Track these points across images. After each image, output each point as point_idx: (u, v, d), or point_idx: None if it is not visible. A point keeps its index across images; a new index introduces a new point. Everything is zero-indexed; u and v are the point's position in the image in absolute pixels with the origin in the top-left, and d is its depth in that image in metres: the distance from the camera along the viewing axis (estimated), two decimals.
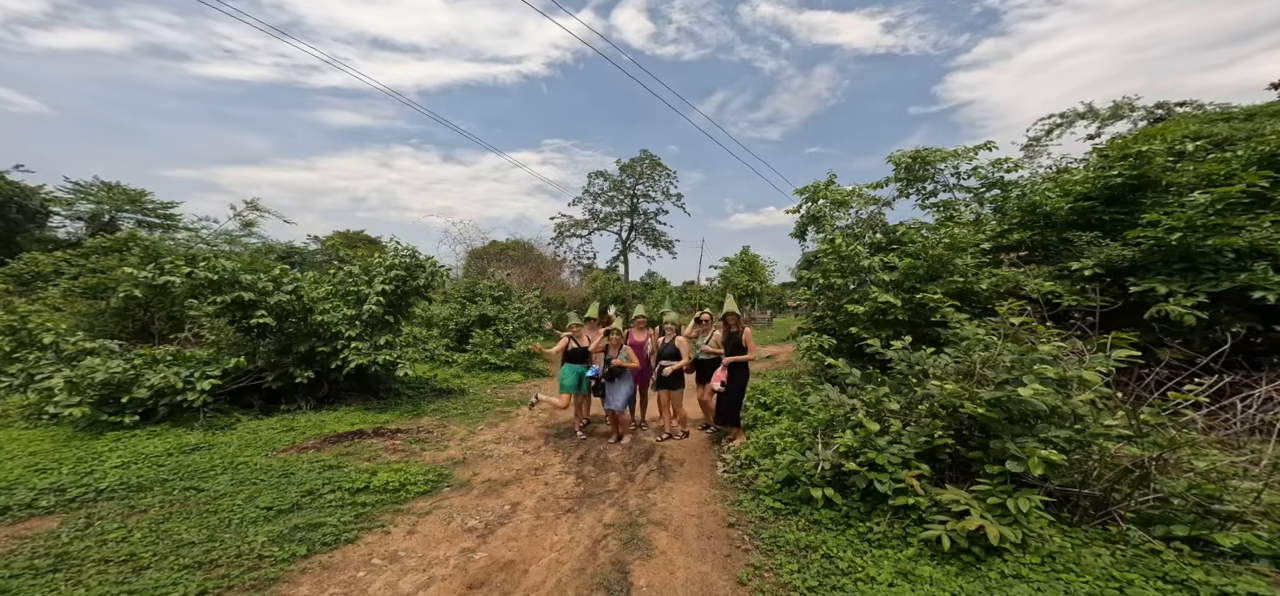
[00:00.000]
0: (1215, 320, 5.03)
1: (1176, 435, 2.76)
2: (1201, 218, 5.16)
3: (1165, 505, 2.81)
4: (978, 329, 3.94)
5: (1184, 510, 2.74)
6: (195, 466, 4.16)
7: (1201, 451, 2.83)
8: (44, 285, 11.94)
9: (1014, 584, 2.47)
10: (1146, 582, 2.41)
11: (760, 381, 8.05)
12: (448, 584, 2.81)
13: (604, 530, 3.44)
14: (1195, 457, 2.75)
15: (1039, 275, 6.24)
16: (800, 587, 2.63)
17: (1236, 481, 2.74)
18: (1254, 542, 2.58)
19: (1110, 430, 2.73)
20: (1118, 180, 6.13)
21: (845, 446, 3.39)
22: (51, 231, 21.95)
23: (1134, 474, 2.82)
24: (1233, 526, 2.58)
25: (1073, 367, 3.12)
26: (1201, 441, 3.04)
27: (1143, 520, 2.79)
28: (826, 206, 8.86)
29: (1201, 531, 2.61)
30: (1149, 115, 11.02)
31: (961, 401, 3.06)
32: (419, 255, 7.40)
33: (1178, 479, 2.83)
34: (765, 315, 28.42)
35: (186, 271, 5.50)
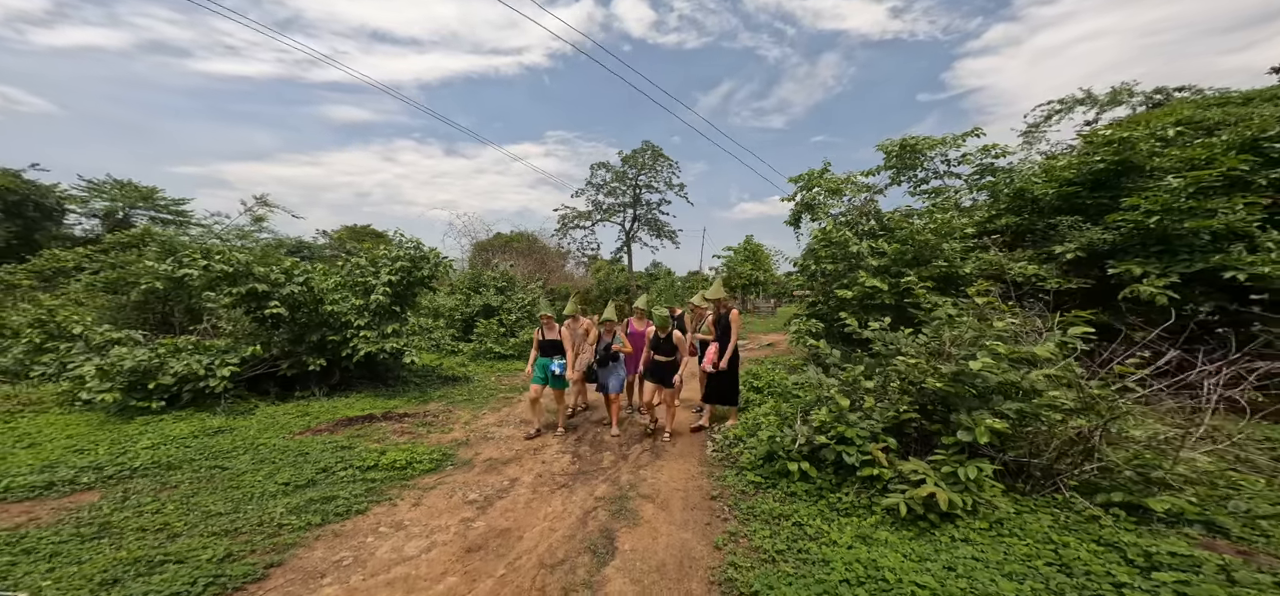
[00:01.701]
0: (1188, 300, 5.18)
1: (1115, 406, 2.97)
2: (1177, 201, 5.29)
3: (1108, 474, 3.03)
4: (950, 309, 4.13)
5: (1125, 478, 2.95)
6: (219, 447, 4.49)
7: (1141, 422, 3.04)
8: (65, 280, 12.39)
9: (961, 546, 2.71)
10: (1080, 544, 2.63)
11: (756, 366, 8.30)
12: (448, 548, 3.09)
13: (595, 502, 3.72)
14: (1134, 428, 2.96)
15: (1022, 259, 6.40)
16: (769, 550, 2.88)
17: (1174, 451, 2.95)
18: (1186, 508, 2.80)
19: (1056, 402, 2.94)
20: (1100, 166, 6.25)
21: (819, 422, 3.63)
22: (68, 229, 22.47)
23: (1079, 445, 3.03)
24: (1163, 493, 2.79)
25: (1030, 345, 3.33)
26: (1137, 412, 3.24)
27: (1086, 488, 3.01)
28: (821, 194, 9.00)
29: (1137, 498, 2.83)
30: (1147, 101, 10.97)
31: (924, 376, 3.28)
32: (423, 247, 7.68)
33: (1119, 449, 3.04)
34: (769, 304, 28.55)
35: (203, 264, 5.81)
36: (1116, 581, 2.31)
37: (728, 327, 5.29)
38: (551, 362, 5.27)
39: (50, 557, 2.62)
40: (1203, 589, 2.20)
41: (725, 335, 5.29)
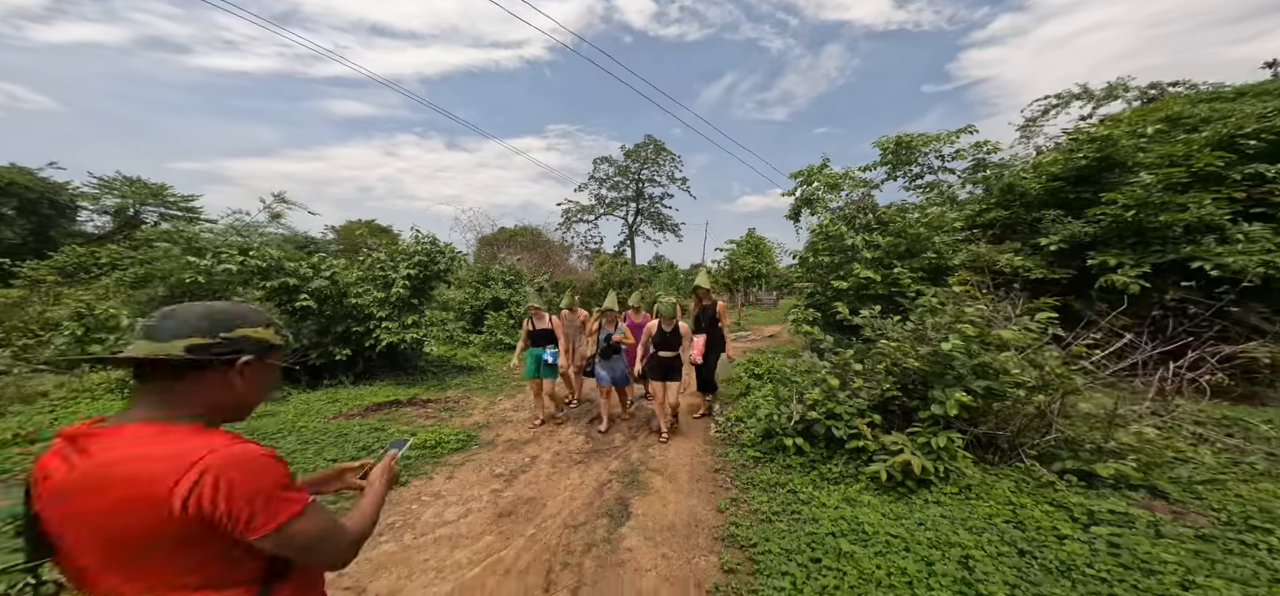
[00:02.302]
0: (1162, 290, 5.55)
1: (1069, 383, 3.35)
2: (1151, 196, 5.63)
3: (1066, 445, 3.43)
4: (933, 298, 4.51)
5: (1079, 447, 3.35)
6: (265, 429, 4.93)
7: (1090, 398, 3.43)
8: (85, 276, 12.83)
9: (932, 507, 3.11)
10: (1036, 505, 3.04)
11: (757, 354, 8.70)
12: (483, 513, 3.52)
13: (609, 475, 4.14)
14: (1083, 403, 3.35)
15: (1009, 251, 6.75)
16: (767, 512, 3.29)
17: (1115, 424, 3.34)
18: (1130, 474, 3.19)
19: (1019, 380, 3.33)
20: (1084, 162, 6.57)
21: (812, 400, 4.03)
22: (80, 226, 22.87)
23: (1039, 418, 3.43)
24: (1110, 461, 3.19)
25: (1000, 328, 3.71)
26: (1087, 389, 3.63)
27: (1046, 457, 3.41)
28: (820, 189, 9.34)
29: (1086, 465, 3.23)
30: (1142, 95, 11.19)
31: (905, 357, 3.67)
32: (439, 242, 8.08)
33: (1075, 423, 3.44)
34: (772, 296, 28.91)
35: (240, 260, 6.22)
36: (1060, 534, 2.72)
37: (714, 320, 5.34)
38: (543, 352, 5.19)
39: None
40: (1132, 539, 2.60)
41: (711, 328, 5.28)
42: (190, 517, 0.81)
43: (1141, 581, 2.25)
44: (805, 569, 2.55)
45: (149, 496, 0.80)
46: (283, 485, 0.89)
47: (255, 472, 0.86)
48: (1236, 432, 4.18)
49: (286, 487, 0.90)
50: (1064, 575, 2.36)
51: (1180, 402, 4.50)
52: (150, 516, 0.81)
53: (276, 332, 1.05)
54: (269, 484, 0.87)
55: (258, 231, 19.19)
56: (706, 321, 5.37)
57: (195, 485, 0.81)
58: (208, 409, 0.94)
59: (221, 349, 0.94)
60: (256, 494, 0.85)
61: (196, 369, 0.92)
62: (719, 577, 2.61)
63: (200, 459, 0.82)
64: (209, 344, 0.93)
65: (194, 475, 0.81)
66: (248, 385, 0.99)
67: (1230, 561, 2.40)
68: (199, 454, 0.83)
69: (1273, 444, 3.84)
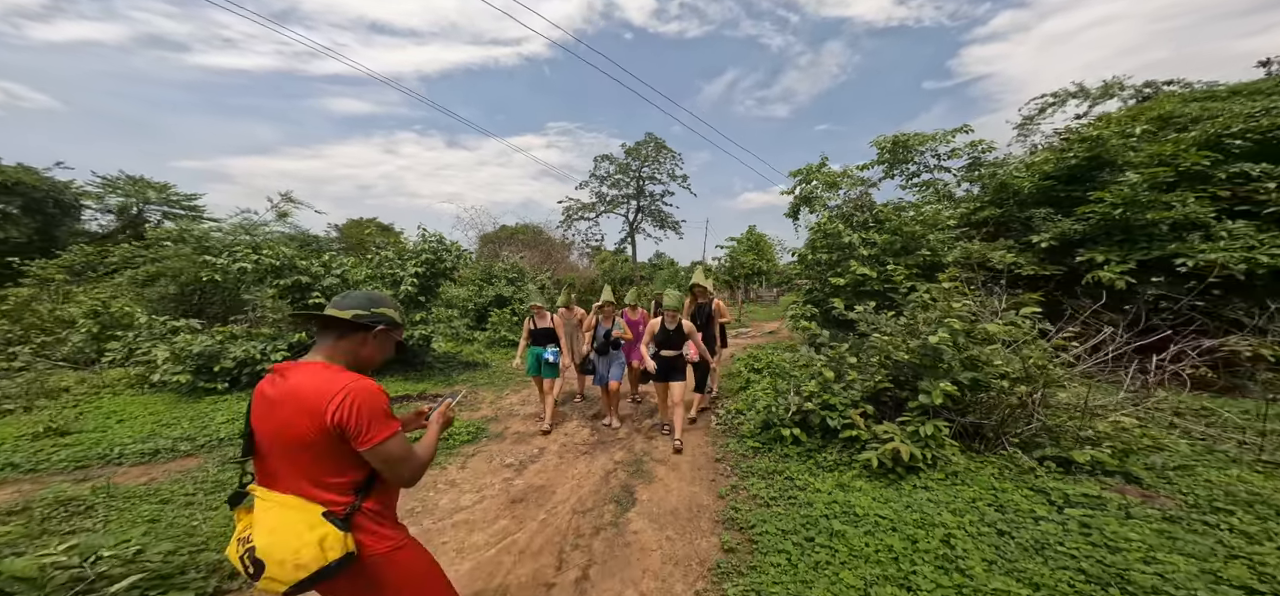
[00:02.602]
0: (1148, 286, 5.74)
1: (1049, 374, 3.55)
2: (1137, 194, 5.81)
3: (1047, 433, 3.62)
4: (924, 294, 4.70)
5: (1059, 435, 3.55)
6: None
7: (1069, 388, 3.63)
8: (93, 274, 13.01)
9: (920, 492, 3.31)
10: (1016, 490, 3.23)
11: (757, 350, 8.90)
12: (496, 499, 3.72)
13: (614, 464, 4.34)
14: (1062, 394, 3.55)
15: (1001, 248, 6.94)
16: (765, 497, 3.49)
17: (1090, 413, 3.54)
18: (1106, 461, 3.39)
19: (1001, 371, 3.53)
20: (1074, 161, 6.75)
21: (809, 392, 4.23)
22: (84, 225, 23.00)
23: (1021, 408, 3.62)
24: (1087, 448, 3.38)
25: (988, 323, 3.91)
26: (1063, 377, 3.82)
27: (1028, 445, 3.61)
28: (819, 187, 9.51)
29: (1064, 452, 3.43)
30: (1137, 94, 11.35)
31: (896, 350, 3.86)
32: (446, 240, 8.26)
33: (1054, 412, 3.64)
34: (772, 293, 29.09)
35: (254, 259, 6.41)
36: (1037, 516, 2.91)
37: (709, 319, 5.35)
38: (544, 351, 5.15)
39: (185, 505, 3.26)
40: (1102, 520, 2.79)
41: (705, 328, 5.25)
42: (331, 427, 1.25)
43: (1107, 557, 2.45)
44: (800, 547, 2.75)
45: (313, 409, 1.25)
46: (387, 412, 1.33)
47: (372, 400, 1.30)
48: (1213, 423, 4.38)
49: (388, 416, 1.33)
50: (1038, 552, 2.56)
51: (1161, 394, 4.70)
52: (311, 423, 1.26)
53: (400, 315, 1.56)
54: (379, 409, 1.30)
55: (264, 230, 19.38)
56: (701, 320, 5.37)
57: (340, 404, 1.25)
58: (352, 359, 1.43)
59: (370, 319, 1.44)
60: (372, 415, 1.28)
61: (353, 329, 1.42)
62: (720, 556, 2.82)
63: (344, 387, 1.28)
64: (364, 315, 1.44)
65: (340, 396, 1.26)
66: (376, 347, 1.49)
67: (1192, 539, 2.60)
68: (344, 384, 1.29)
69: (1246, 433, 4.03)
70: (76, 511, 3.11)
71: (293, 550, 1.22)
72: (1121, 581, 2.28)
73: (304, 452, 1.28)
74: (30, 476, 3.77)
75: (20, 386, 5.76)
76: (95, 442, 4.37)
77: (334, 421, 1.24)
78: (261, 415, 1.32)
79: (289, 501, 1.28)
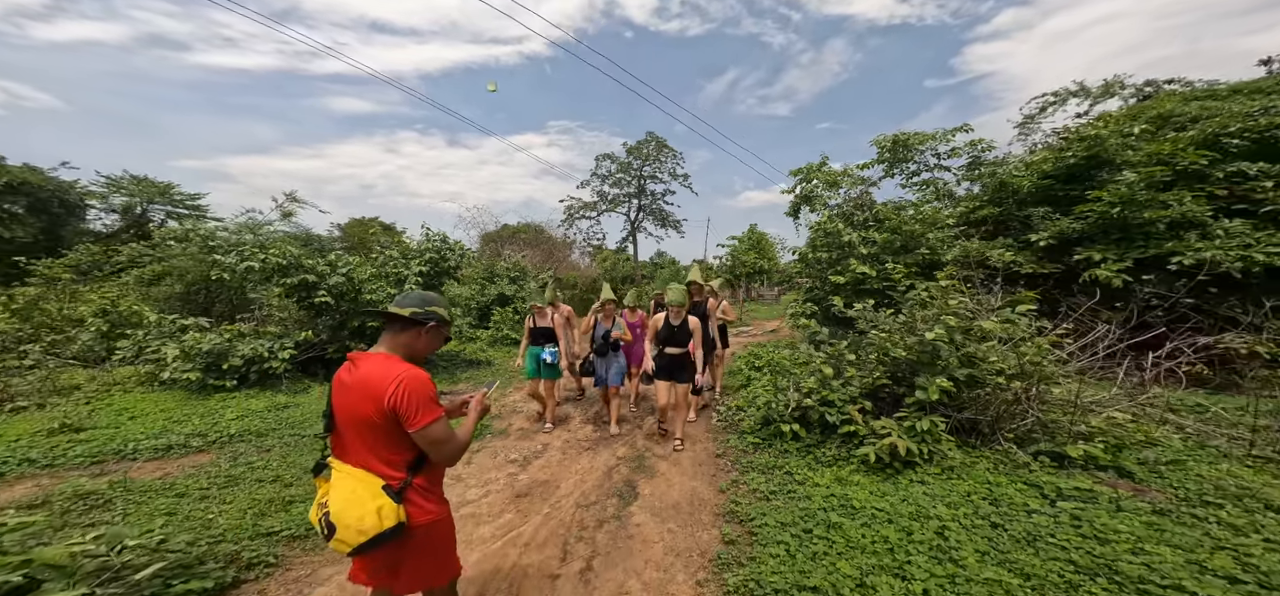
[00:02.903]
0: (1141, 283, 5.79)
1: (1042, 371, 3.62)
2: (1135, 194, 5.86)
3: (1042, 428, 3.70)
4: (922, 292, 4.77)
5: (1053, 430, 3.62)
6: (292, 418, 5.22)
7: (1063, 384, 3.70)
8: (99, 273, 13.12)
9: (916, 486, 3.38)
10: (1010, 483, 3.31)
11: (758, 348, 8.97)
12: (501, 494, 3.80)
13: (617, 460, 4.42)
14: (1055, 389, 3.62)
15: (999, 247, 6.99)
16: (764, 491, 3.57)
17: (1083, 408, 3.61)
18: (1099, 455, 3.46)
19: (997, 367, 3.60)
20: (1072, 160, 6.80)
21: (807, 388, 4.30)
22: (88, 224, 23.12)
23: (1015, 403, 3.70)
24: (1080, 443, 3.46)
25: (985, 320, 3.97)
26: (1056, 373, 3.89)
27: (1022, 440, 3.68)
28: (819, 186, 9.57)
29: (1058, 447, 3.50)
30: (1138, 93, 11.38)
31: (893, 347, 3.94)
32: (449, 239, 8.35)
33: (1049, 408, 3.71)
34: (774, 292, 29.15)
35: (261, 258, 6.51)
36: (1030, 509, 2.99)
37: (703, 318, 5.08)
38: (542, 351, 4.97)
39: (201, 499, 3.35)
40: (1093, 513, 2.87)
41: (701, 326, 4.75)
42: (388, 410, 1.49)
43: (1096, 548, 2.52)
44: (798, 538, 2.83)
45: (376, 395, 1.49)
46: (433, 398, 1.55)
47: (421, 388, 1.52)
48: (1207, 418, 4.44)
49: (434, 401, 1.56)
50: (1030, 544, 2.63)
51: (1156, 390, 4.76)
52: (375, 407, 1.49)
53: (448, 313, 1.79)
54: (426, 397, 1.53)
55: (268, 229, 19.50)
56: (699, 312, 5.11)
57: (394, 391, 1.48)
58: (408, 350, 1.66)
59: (423, 316, 1.68)
60: (420, 401, 1.51)
61: (409, 325, 1.66)
62: (721, 547, 2.89)
63: (397, 376, 1.51)
64: (419, 312, 1.67)
65: (395, 384, 1.49)
66: (428, 340, 1.73)
67: (1180, 532, 2.67)
68: (398, 373, 1.52)
69: (1239, 429, 4.10)
70: (95, 505, 3.20)
71: (357, 517, 1.47)
72: (1109, 571, 2.35)
73: (370, 432, 1.54)
74: (48, 471, 3.86)
75: (32, 384, 5.86)
76: (109, 439, 4.46)
77: (390, 406, 1.48)
78: (339, 398, 1.59)
79: (356, 473, 1.53)
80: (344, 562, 2.74)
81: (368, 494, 1.49)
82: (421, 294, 1.74)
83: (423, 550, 1.64)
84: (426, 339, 1.71)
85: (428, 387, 1.54)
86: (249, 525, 2.96)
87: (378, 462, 1.55)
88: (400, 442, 1.56)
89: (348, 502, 1.49)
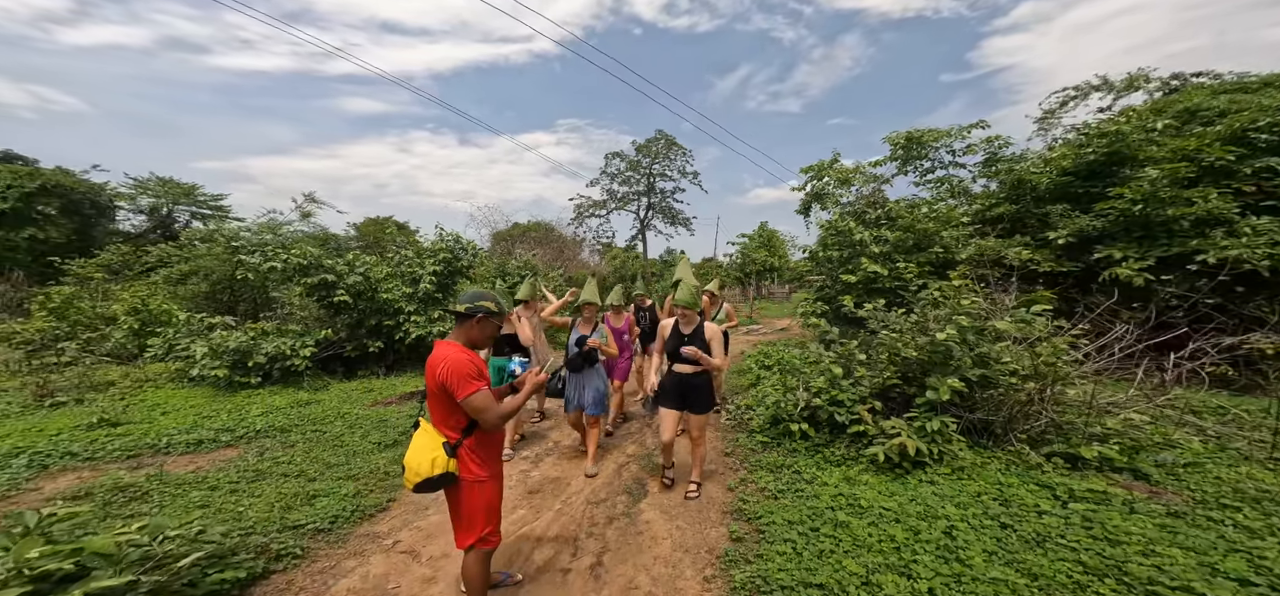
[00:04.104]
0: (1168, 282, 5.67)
1: (1057, 371, 3.59)
2: (1158, 190, 5.73)
3: (1055, 429, 3.67)
4: (935, 291, 4.75)
5: (1067, 432, 3.59)
6: (314, 415, 5.40)
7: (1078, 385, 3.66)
8: (129, 272, 13.60)
9: (925, 486, 3.39)
10: (1022, 484, 3.30)
11: (767, 347, 8.97)
12: (514, 490, 3.90)
13: (627, 458, 4.49)
14: (1070, 389, 3.58)
15: (1016, 245, 6.89)
16: (772, 490, 3.61)
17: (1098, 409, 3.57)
18: (1114, 457, 3.43)
19: (1010, 367, 3.58)
20: (1092, 157, 6.66)
21: (817, 388, 4.32)
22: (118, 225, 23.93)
23: (1029, 404, 3.67)
24: (1094, 444, 3.43)
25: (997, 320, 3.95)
26: (1072, 374, 3.85)
27: (1035, 441, 3.66)
28: (831, 184, 9.51)
29: (1073, 448, 3.47)
30: (1164, 86, 11.04)
31: (904, 347, 3.94)
32: (462, 239, 8.51)
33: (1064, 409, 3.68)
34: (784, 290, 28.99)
35: (283, 259, 6.73)
36: (1041, 510, 2.98)
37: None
38: (509, 362, 3.81)
39: (231, 493, 3.51)
40: (1105, 515, 2.85)
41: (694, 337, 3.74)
42: (440, 382, 1.92)
43: (1107, 549, 2.52)
44: (805, 537, 2.87)
45: (434, 371, 1.93)
46: (472, 376, 1.93)
47: (461, 367, 1.91)
48: (1228, 420, 4.35)
49: (473, 378, 1.93)
50: (1039, 545, 2.64)
51: (1176, 391, 4.67)
52: (433, 381, 1.95)
53: (496, 305, 2.12)
54: (466, 373, 1.91)
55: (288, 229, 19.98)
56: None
57: (443, 369, 1.91)
58: (466, 338, 2.08)
59: (470, 310, 2.06)
60: (461, 377, 1.90)
61: (464, 318, 2.07)
62: (728, 544, 2.95)
63: (445, 356, 1.94)
64: (469, 307, 2.06)
65: (443, 363, 1.92)
66: (479, 330, 2.10)
67: (1194, 534, 2.65)
68: (446, 354, 1.95)
69: (1261, 431, 4.01)
70: (134, 497, 3.37)
71: (416, 463, 1.94)
72: (1119, 572, 2.35)
73: (434, 400, 2.01)
74: (88, 464, 4.07)
75: (71, 380, 6.14)
76: (144, 433, 4.68)
77: (441, 379, 1.91)
78: (427, 373, 2.00)
79: (430, 430, 2.02)
80: (364, 555, 2.86)
81: (429, 446, 1.95)
82: (474, 291, 2.11)
83: (463, 503, 2.06)
84: (479, 329, 2.08)
85: (468, 366, 1.93)
86: (277, 518, 3.10)
87: (442, 424, 2.02)
88: (453, 412, 1.99)
89: (415, 450, 1.97)
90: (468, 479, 2.03)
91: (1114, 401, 4.17)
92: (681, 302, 3.34)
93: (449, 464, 1.95)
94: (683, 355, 3.27)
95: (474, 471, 2.04)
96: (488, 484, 2.08)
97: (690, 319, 3.37)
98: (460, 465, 2.01)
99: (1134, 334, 4.67)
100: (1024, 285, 6.23)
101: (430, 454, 1.93)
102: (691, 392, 3.40)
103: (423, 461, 1.92)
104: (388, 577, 2.66)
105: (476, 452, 2.04)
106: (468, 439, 2.01)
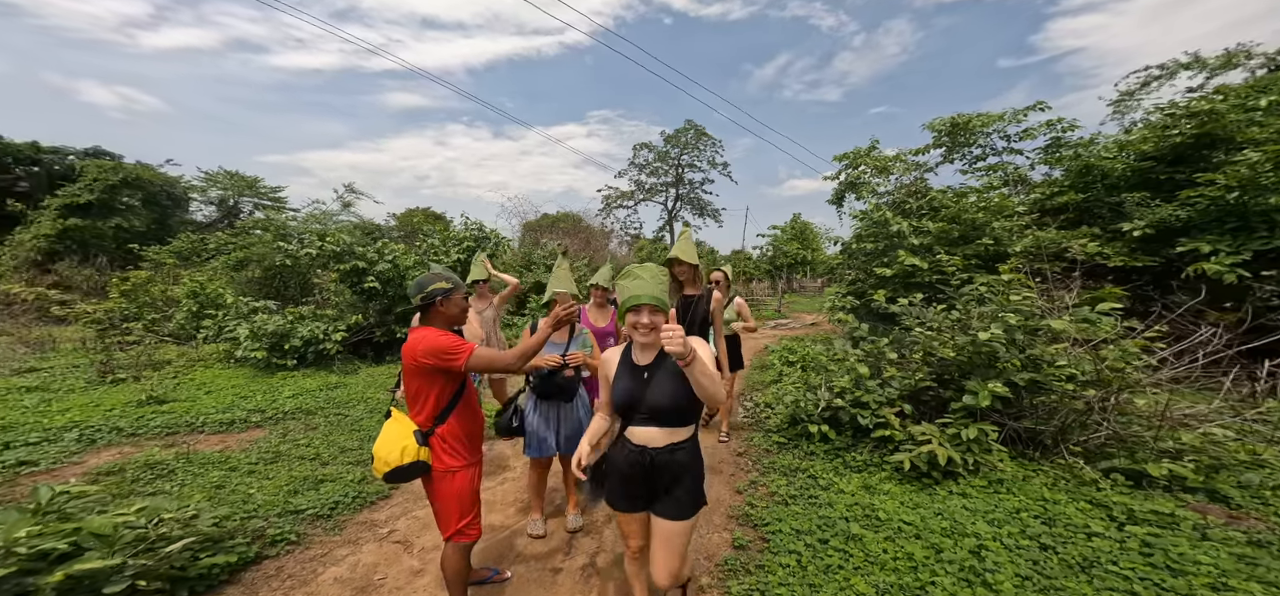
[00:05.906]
0: (1260, 281, 4.91)
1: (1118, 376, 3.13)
2: (1259, 175, 4.96)
3: (1118, 442, 3.22)
4: (981, 286, 4.31)
5: (1134, 446, 3.15)
6: (339, 398, 5.59)
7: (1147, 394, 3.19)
8: (198, 259, 14.71)
9: (955, 498, 3.06)
10: (1071, 502, 2.91)
11: (793, 342, 8.58)
12: (516, 483, 3.85)
13: None
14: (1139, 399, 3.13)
15: (1082, 237, 6.18)
16: (784, 495, 3.37)
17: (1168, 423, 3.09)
18: (1189, 476, 2.97)
19: (1067, 372, 3.16)
20: (1178, 138, 5.86)
21: (840, 388, 4.02)
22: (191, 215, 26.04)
23: (1087, 413, 3.24)
24: (1164, 461, 2.97)
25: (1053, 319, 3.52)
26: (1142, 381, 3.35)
27: (1092, 454, 3.23)
28: (867, 172, 8.93)
29: (1139, 464, 3.04)
30: (1270, 63, 9.60)
31: (941, 347, 3.58)
32: (485, 228, 8.61)
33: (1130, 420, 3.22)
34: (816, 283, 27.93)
35: (318, 246, 7.02)
36: (1091, 532, 2.61)
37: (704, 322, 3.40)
38: None
39: (248, 473, 3.65)
40: (1170, 540, 2.46)
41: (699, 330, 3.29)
42: (426, 364, 1.88)
43: (1167, 580, 2.15)
44: (812, 549, 2.64)
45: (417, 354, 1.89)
46: (450, 349, 1.88)
47: (437, 342, 1.88)
48: None
49: (455, 348, 1.88)
50: (1083, 571, 2.30)
51: (1272, 405, 4.03)
52: (411, 362, 1.92)
53: (449, 281, 2.01)
54: (443, 348, 1.87)
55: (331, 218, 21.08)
56: (697, 321, 3.32)
57: (424, 350, 1.87)
58: (444, 320, 2.01)
59: (428, 298, 1.98)
60: (440, 352, 1.87)
61: (426, 308, 1.99)
62: (729, 552, 2.76)
63: (426, 337, 1.90)
64: (422, 298, 1.98)
65: (421, 347, 1.88)
66: (447, 310, 2.01)
67: (1276, 567, 2.22)
68: (428, 335, 1.91)
69: None
70: (161, 474, 3.56)
71: (385, 451, 1.89)
72: None
73: (412, 378, 1.96)
74: (130, 440, 4.35)
75: (132, 358, 6.65)
76: (185, 411, 4.98)
77: (424, 362, 1.88)
78: (405, 356, 1.96)
79: (400, 418, 1.97)
80: (358, 544, 2.87)
81: (399, 435, 1.91)
82: (421, 278, 2.02)
83: (437, 494, 2.00)
84: (447, 308, 2.01)
85: (443, 339, 1.90)
86: (281, 502, 3.18)
87: (414, 410, 1.98)
88: (426, 398, 1.94)
89: (385, 439, 1.92)
90: (439, 469, 1.97)
91: (1193, 413, 3.64)
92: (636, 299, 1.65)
93: (420, 452, 1.90)
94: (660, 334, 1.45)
95: (446, 462, 1.97)
96: (460, 474, 2.00)
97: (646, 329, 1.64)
98: (433, 455, 1.96)
99: (1222, 338, 4.06)
100: (1090, 281, 5.58)
101: (400, 442, 1.88)
102: (663, 480, 1.67)
103: (392, 450, 1.87)
104: (376, 568, 2.65)
105: (449, 442, 1.98)
106: (440, 427, 1.95)
